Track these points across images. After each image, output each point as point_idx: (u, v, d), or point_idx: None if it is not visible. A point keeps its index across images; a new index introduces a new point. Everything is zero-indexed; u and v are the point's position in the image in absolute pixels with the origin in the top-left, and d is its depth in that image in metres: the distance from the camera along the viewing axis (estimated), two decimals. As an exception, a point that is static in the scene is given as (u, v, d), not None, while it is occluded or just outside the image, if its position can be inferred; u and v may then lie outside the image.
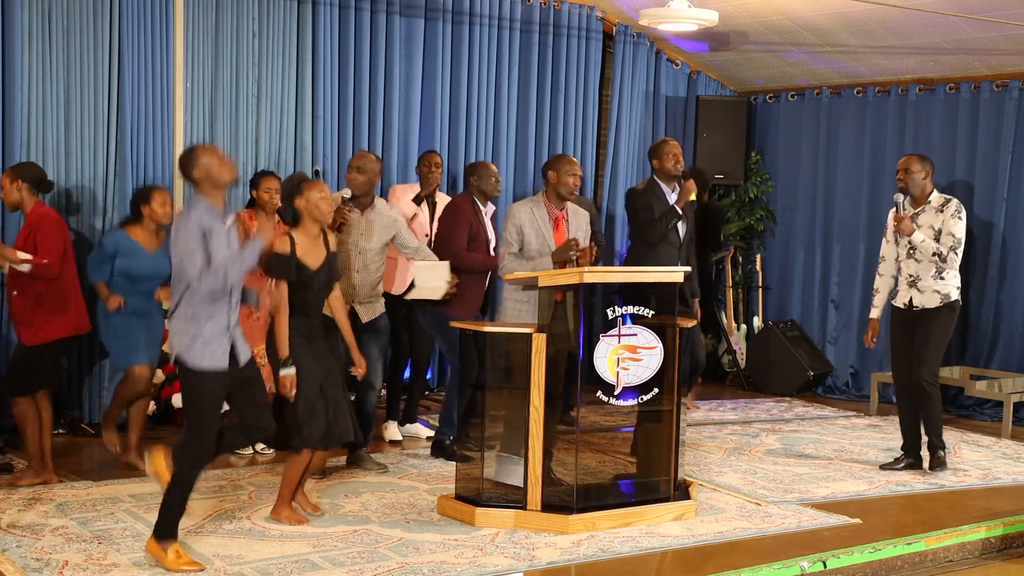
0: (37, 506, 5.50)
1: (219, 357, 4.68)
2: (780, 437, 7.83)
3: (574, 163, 6.12)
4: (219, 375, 4.68)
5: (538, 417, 5.37)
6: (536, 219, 6.04)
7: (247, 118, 7.78)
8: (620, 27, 9.52)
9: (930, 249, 6.60)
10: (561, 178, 6.03)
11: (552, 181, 6.08)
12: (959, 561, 5.61)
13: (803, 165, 10.04)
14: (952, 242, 6.60)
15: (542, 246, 6.01)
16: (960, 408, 8.87)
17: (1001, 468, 7.06)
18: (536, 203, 6.11)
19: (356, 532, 5.27)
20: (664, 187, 6.93)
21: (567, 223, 6.13)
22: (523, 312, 5.96)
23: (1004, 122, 8.73)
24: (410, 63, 8.49)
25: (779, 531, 5.55)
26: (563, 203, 6.11)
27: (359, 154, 6.63)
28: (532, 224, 6.03)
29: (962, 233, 6.65)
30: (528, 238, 6.02)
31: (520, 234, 6.02)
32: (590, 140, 9.55)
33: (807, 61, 9.51)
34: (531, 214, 6.05)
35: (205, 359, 4.64)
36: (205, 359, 4.64)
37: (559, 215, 6.10)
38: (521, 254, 6.03)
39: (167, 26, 7.38)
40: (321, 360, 5.36)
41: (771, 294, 10.28)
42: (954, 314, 6.74)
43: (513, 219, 6.06)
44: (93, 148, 7.13)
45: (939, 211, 6.66)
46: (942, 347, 6.76)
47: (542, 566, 4.89)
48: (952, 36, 8.36)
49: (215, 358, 4.66)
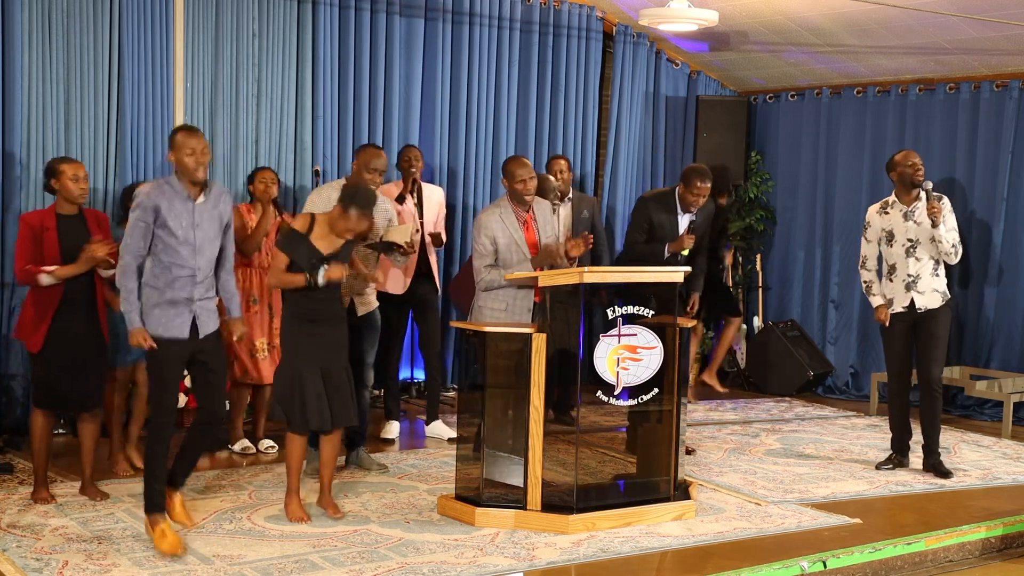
0: (37, 506, 5.50)
1: (177, 326, 4.91)
2: (780, 437, 7.83)
3: (524, 166, 6.01)
4: (176, 343, 4.91)
5: (538, 417, 5.37)
6: (507, 225, 5.98)
7: (247, 118, 7.78)
8: (620, 27, 9.52)
9: (951, 241, 6.54)
10: (511, 185, 5.99)
11: (507, 187, 6.06)
12: (959, 561, 5.61)
13: (803, 165, 10.04)
14: (956, 236, 6.60)
15: (516, 252, 5.96)
16: (960, 408, 8.87)
17: (1001, 468, 7.06)
18: (503, 208, 6.04)
19: (356, 532, 5.27)
20: (679, 209, 6.97)
21: (535, 221, 6.09)
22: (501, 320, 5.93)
23: (1004, 122, 8.73)
24: (410, 63, 8.49)
25: (779, 531, 5.55)
26: (527, 204, 6.05)
27: (375, 152, 6.30)
28: (503, 232, 5.97)
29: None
30: (501, 246, 5.96)
31: (494, 244, 5.96)
32: (590, 140, 9.55)
33: (807, 61, 9.51)
34: (500, 221, 5.98)
35: (160, 327, 4.88)
36: (160, 327, 4.88)
37: (527, 216, 6.06)
38: (496, 264, 5.98)
39: (167, 26, 7.38)
40: (322, 345, 5.36)
41: (771, 294, 10.28)
42: (950, 310, 6.76)
43: (485, 229, 5.98)
44: (93, 148, 7.13)
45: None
46: (946, 346, 6.78)
47: (542, 566, 4.89)
48: (952, 36, 8.36)
49: (171, 327, 4.89)
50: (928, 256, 6.61)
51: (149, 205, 4.87)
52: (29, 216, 5.62)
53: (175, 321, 4.91)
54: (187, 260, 4.91)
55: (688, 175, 6.95)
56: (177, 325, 4.92)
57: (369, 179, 6.14)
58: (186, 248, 4.90)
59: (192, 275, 4.92)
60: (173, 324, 4.91)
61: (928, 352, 6.65)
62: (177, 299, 4.90)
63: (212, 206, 5.01)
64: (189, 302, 4.93)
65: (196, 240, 4.93)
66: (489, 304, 5.97)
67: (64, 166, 5.55)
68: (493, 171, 8.96)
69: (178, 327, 4.92)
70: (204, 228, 4.96)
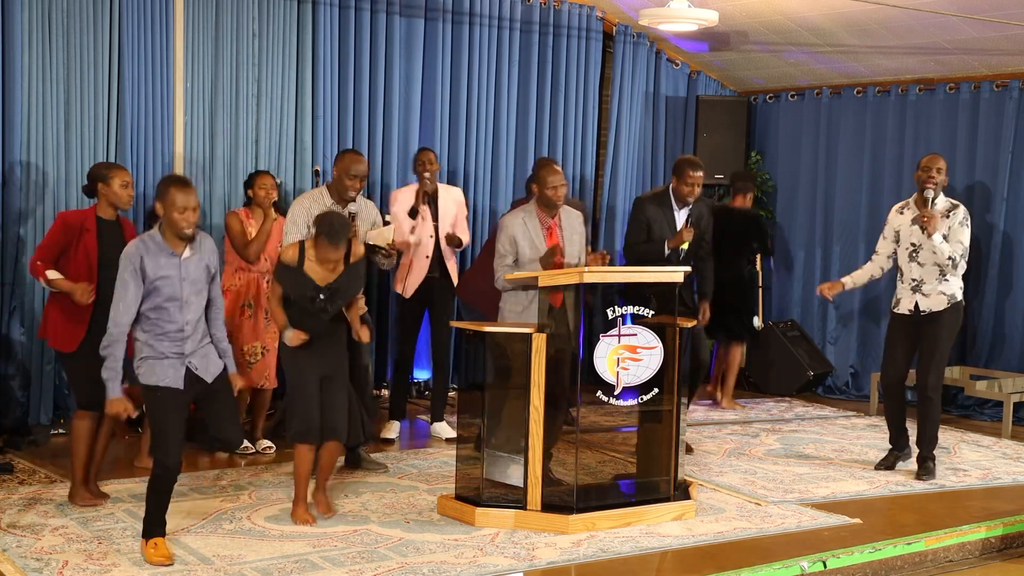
0: (37, 506, 5.50)
1: (171, 377, 4.76)
2: (780, 437, 7.82)
3: (556, 174, 6.01)
4: (171, 391, 4.77)
5: (538, 417, 5.37)
6: (529, 229, 6.00)
7: (247, 118, 7.78)
8: (620, 27, 9.52)
9: (946, 252, 6.48)
10: (542, 191, 6.00)
11: (535, 192, 6.07)
12: (959, 561, 5.61)
13: (803, 165, 10.04)
14: (961, 250, 6.53)
15: (536, 256, 5.97)
16: (960, 408, 8.87)
17: (1001, 468, 7.05)
18: (528, 213, 6.05)
19: (356, 532, 5.27)
20: (675, 205, 6.98)
21: (560, 229, 6.09)
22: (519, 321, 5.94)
23: (1004, 122, 8.73)
24: (410, 63, 8.49)
25: (779, 531, 5.55)
26: (554, 210, 6.07)
27: (355, 158, 6.23)
28: (525, 235, 5.98)
29: (969, 241, 6.58)
30: (522, 249, 5.97)
31: (514, 245, 5.97)
32: (590, 140, 9.54)
33: (807, 61, 9.51)
34: (523, 225, 6.00)
35: (154, 377, 4.76)
36: (154, 377, 4.76)
37: (552, 223, 6.06)
38: (516, 265, 5.98)
39: (167, 26, 7.38)
40: (321, 356, 5.36)
41: (771, 294, 10.28)
42: (959, 314, 6.67)
43: (506, 231, 6.00)
44: (93, 148, 7.12)
45: (945, 216, 6.58)
46: (948, 351, 6.74)
47: (542, 566, 4.89)
48: (952, 36, 8.36)
49: (165, 378, 4.75)
50: (932, 263, 6.56)
51: (134, 264, 4.71)
52: (69, 216, 5.64)
53: (168, 372, 4.75)
54: (174, 316, 4.75)
55: (679, 166, 6.99)
56: (172, 377, 4.76)
57: (349, 185, 6.12)
58: (173, 305, 4.75)
59: (180, 330, 4.76)
60: (167, 375, 4.76)
61: (927, 356, 6.62)
62: (168, 354, 4.76)
63: (198, 259, 4.85)
64: (181, 356, 4.78)
65: (183, 295, 4.77)
66: (508, 305, 6.01)
67: (115, 172, 5.63)
68: (493, 171, 8.96)
69: (172, 378, 4.76)
70: (191, 282, 4.80)
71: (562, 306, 5.47)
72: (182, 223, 4.73)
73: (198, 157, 7.58)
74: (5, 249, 6.84)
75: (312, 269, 5.27)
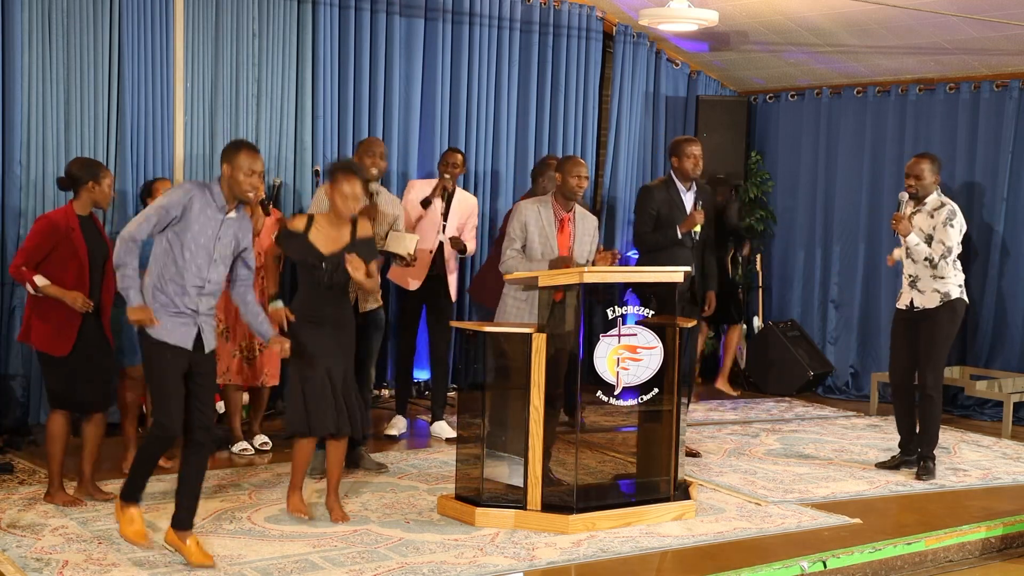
0: (37, 506, 5.50)
1: (181, 336, 4.75)
2: (780, 437, 7.82)
3: (580, 165, 6.08)
4: (177, 350, 4.74)
5: (538, 417, 5.37)
6: (542, 219, 6.03)
7: (247, 118, 7.78)
8: (620, 27, 9.52)
9: (922, 253, 6.54)
10: (566, 179, 6.03)
11: (558, 182, 6.09)
12: (959, 561, 5.61)
13: (803, 165, 10.04)
14: (942, 250, 6.52)
15: (544, 247, 6.00)
16: (960, 408, 8.87)
17: (1001, 468, 7.06)
18: (544, 203, 6.10)
19: (356, 532, 5.27)
20: (681, 187, 6.94)
21: (573, 226, 6.10)
22: (523, 311, 5.98)
23: (1004, 122, 8.73)
24: (410, 63, 8.49)
25: (779, 531, 5.55)
26: (571, 204, 6.10)
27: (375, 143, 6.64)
28: (537, 223, 6.02)
29: (953, 241, 6.54)
30: (531, 236, 6.01)
31: (524, 231, 6.02)
32: (590, 140, 9.54)
33: (807, 61, 9.51)
34: (537, 214, 6.04)
35: (164, 334, 4.71)
36: (164, 334, 4.71)
37: (565, 217, 6.09)
38: (523, 251, 6.03)
39: (167, 26, 7.38)
40: (328, 348, 5.36)
41: (771, 294, 10.28)
42: (955, 313, 6.66)
43: (519, 216, 6.06)
44: (93, 148, 7.12)
45: (931, 216, 6.60)
46: (945, 349, 6.73)
47: (542, 566, 4.89)
48: (952, 36, 8.36)
49: (175, 336, 4.73)
50: (920, 262, 6.60)
51: (184, 200, 4.72)
52: (55, 216, 5.53)
53: (180, 330, 4.75)
54: (201, 270, 4.75)
55: (675, 145, 6.98)
56: (182, 335, 4.75)
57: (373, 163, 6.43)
58: (203, 257, 4.76)
59: (201, 286, 4.77)
60: (178, 332, 4.74)
61: (924, 355, 6.64)
62: (183, 310, 4.74)
63: (237, 225, 4.90)
64: (195, 314, 4.78)
65: (215, 252, 4.79)
66: (512, 293, 6.05)
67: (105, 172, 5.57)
68: (493, 171, 8.96)
69: (182, 337, 4.75)
70: (224, 243, 4.83)
71: (562, 306, 5.47)
72: (246, 185, 4.80)
73: (198, 157, 7.58)
74: (5, 249, 6.83)
75: (317, 238, 5.34)
